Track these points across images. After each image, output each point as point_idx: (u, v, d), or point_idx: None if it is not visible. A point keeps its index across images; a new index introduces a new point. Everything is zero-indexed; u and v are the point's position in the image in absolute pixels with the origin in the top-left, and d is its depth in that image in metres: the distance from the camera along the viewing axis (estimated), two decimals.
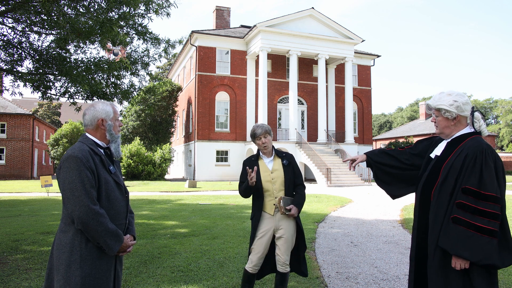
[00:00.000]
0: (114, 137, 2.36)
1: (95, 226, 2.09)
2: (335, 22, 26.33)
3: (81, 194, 2.08)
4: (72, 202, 2.08)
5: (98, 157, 2.25)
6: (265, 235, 3.34)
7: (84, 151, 2.18)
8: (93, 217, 2.08)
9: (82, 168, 2.11)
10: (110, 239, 2.14)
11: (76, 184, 2.08)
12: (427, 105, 2.55)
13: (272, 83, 27.32)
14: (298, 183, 3.49)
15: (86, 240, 2.15)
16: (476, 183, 2.19)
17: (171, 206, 11.47)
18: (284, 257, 3.35)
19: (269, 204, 3.38)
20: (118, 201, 2.28)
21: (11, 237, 6.69)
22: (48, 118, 59.25)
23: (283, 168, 3.44)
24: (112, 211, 2.24)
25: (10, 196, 15.10)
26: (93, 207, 2.08)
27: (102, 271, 2.19)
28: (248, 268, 3.37)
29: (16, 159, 31.70)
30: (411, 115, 75.17)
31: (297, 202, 3.38)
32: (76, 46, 7.70)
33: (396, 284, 4.30)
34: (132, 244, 2.35)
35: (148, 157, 25.88)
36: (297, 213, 3.36)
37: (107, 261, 2.22)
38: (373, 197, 14.76)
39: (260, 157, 3.52)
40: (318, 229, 7.69)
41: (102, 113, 2.33)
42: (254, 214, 3.43)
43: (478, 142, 2.31)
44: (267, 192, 3.38)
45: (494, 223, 2.15)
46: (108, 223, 2.14)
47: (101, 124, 2.32)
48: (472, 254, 2.13)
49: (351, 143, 26.78)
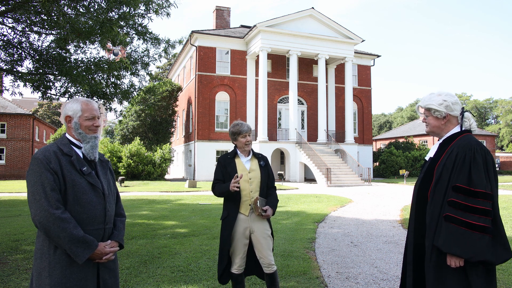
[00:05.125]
0: (85, 137, 2.20)
1: (56, 232, 1.95)
2: (335, 22, 26.33)
3: (41, 198, 1.96)
4: (34, 206, 1.97)
5: (68, 157, 2.10)
6: (243, 236, 3.30)
7: (47, 151, 2.06)
8: (53, 222, 1.94)
9: (43, 170, 1.99)
10: (75, 246, 1.97)
11: (37, 187, 1.98)
12: (418, 107, 2.61)
13: (272, 83, 27.32)
14: (271, 186, 3.47)
15: (55, 247, 2.02)
16: (466, 180, 2.22)
17: (171, 206, 11.47)
18: (267, 258, 3.31)
19: (244, 205, 3.32)
20: (91, 204, 2.11)
21: (11, 237, 6.69)
22: (48, 118, 59.26)
23: (260, 169, 3.40)
24: (84, 215, 2.08)
25: (10, 196, 15.10)
26: (53, 212, 1.95)
27: (74, 280, 2.03)
28: (234, 270, 3.34)
29: (16, 159, 31.69)
30: (411, 115, 75.16)
31: (272, 203, 3.35)
32: (76, 46, 7.70)
33: (396, 284, 4.30)
34: (111, 251, 2.15)
35: (148, 157, 25.87)
36: (272, 214, 3.34)
37: (80, 269, 2.05)
38: (373, 197, 14.77)
39: (238, 155, 3.45)
40: (318, 229, 7.69)
41: (68, 110, 2.22)
42: (228, 214, 3.31)
43: (467, 139, 2.34)
44: (243, 191, 3.31)
45: (485, 219, 2.16)
46: (73, 228, 1.98)
47: (68, 122, 2.22)
48: (464, 251, 2.14)
49: (351, 143, 26.78)
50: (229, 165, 3.37)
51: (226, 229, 3.31)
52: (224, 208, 3.41)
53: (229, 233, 3.29)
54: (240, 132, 3.37)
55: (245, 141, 3.38)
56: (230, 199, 3.34)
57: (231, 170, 3.34)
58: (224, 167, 3.39)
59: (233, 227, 3.29)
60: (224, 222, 3.35)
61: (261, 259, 3.33)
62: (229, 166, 3.37)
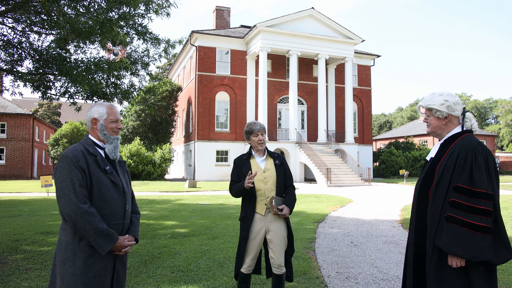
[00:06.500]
0: (109, 138, 2.39)
1: (83, 225, 2.11)
2: (335, 22, 26.33)
3: (70, 193, 2.12)
4: (63, 200, 2.13)
5: (93, 157, 2.28)
6: (258, 236, 3.31)
7: (76, 150, 2.23)
8: (81, 215, 2.10)
9: (72, 167, 2.16)
10: (100, 238, 2.14)
11: (66, 183, 2.13)
12: (419, 106, 2.60)
13: (272, 83, 27.32)
14: (289, 184, 3.46)
15: (80, 238, 2.18)
16: (467, 180, 2.21)
17: (171, 206, 11.47)
18: (279, 259, 3.31)
19: (260, 204, 3.33)
20: (113, 200, 2.28)
21: (11, 237, 6.69)
22: (48, 118, 59.24)
23: (276, 168, 3.40)
24: (107, 210, 2.25)
25: (10, 196, 15.10)
26: (81, 206, 2.11)
27: (95, 270, 2.19)
28: (243, 270, 3.35)
29: (16, 159, 31.69)
30: (411, 115, 75.17)
31: (288, 202, 3.34)
32: (76, 46, 7.69)
33: (396, 284, 4.30)
34: (129, 244, 2.33)
35: (148, 157, 25.87)
36: (289, 214, 3.32)
37: (101, 260, 2.22)
38: (373, 197, 14.77)
39: (252, 155, 3.46)
40: (318, 229, 7.69)
41: (95, 113, 2.39)
42: (245, 214, 3.35)
43: (469, 140, 2.33)
44: (259, 191, 3.32)
45: (486, 220, 2.16)
46: (98, 222, 2.14)
47: (94, 124, 2.38)
48: (466, 251, 2.13)
49: (351, 143, 26.78)
50: (244, 165, 3.39)
51: (243, 229, 3.34)
52: (242, 209, 3.44)
53: (246, 233, 3.31)
54: (252, 131, 3.39)
55: (257, 140, 3.39)
56: (247, 199, 3.37)
57: (245, 170, 3.36)
58: (239, 168, 3.41)
59: (250, 226, 3.31)
60: (242, 222, 3.38)
61: (272, 259, 3.33)
62: (244, 167, 3.39)
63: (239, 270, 3.36)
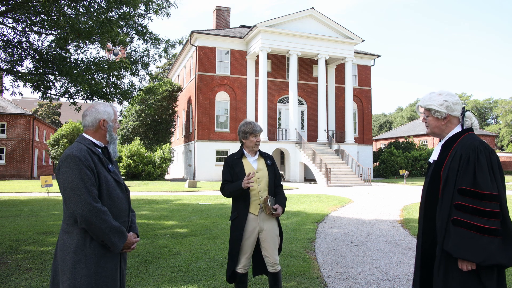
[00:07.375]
0: (113, 138, 2.39)
1: (98, 224, 2.08)
2: (335, 22, 26.33)
3: (82, 193, 2.07)
4: (74, 201, 2.07)
5: (97, 156, 2.26)
6: (252, 236, 3.32)
7: (82, 150, 2.19)
8: (96, 214, 2.07)
9: (82, 167, 2.11)
10: (114, 236, 2.14)
11: (77, 183, 2.08)
12: (418, 106, 2.54)
13: (272, 83, 27.32)
14: (278, 184, 3.48)
15: (90, 239, 2.15)
16: (471, 182, 2.16)
17: (171, 206, 11.47)
18: (273, 257, 3.34)
19: (254, 204, 3.34)
20: (119, 199, 2.29)
21: (11, 237, 6.69)
22: (48, 118, 59.24)
23: (267, 168, 3.42)
24: (114, 209, 2.25)
25: (10, 196, 15.10)
26: (96, 205, 2.09)
27: (108, 270, 2.19)
28: (239, 270, 3.35)
29: (16, 159, 31.69)
30: (411, 115, 75.15)
31: (280, 202, 3.37)
32: (76, 46, 7.69)
33: (396, 284, 4.30)
34: (135, 241, 2.35)
35: (148, 157, 25.87)
36: (282, 213, 3.36)
37: (112, 259, 2.22)
38: (373, 197, 14.77)
39: (245, 155, 3.46)
40: (318, 229, 7.69)
41: (103, 114, 2.35)
42: (237, 214, 3.34)
43: (471, 139, 2.28)
44: (252, 191, 3.33)
45: (493, 222, 2.10)
46: (111, 220, 2.14)
47: (102, 125, 2.34)
48: (475, 255, 2.08)
49: (351, 143, 26.78)
50: (237, 165, 3.38)
51: (237, 229, 3.32)
52: (233, 209, 3.42)
53: (240, 233, 3.30)
54: (253, 132, 3.39)
55: (255, 141, 3.40)
56: (240, 200, 3.35)
57: (239, 170, 3.35)
58: (231, 168, 3.39)
59: (243, 227, 3.31)
60: (234, 222, 3.36)
61: (266, 258, 3.36)
62: (236, 167, 3.38)
63: (234, 271, 3.36)
